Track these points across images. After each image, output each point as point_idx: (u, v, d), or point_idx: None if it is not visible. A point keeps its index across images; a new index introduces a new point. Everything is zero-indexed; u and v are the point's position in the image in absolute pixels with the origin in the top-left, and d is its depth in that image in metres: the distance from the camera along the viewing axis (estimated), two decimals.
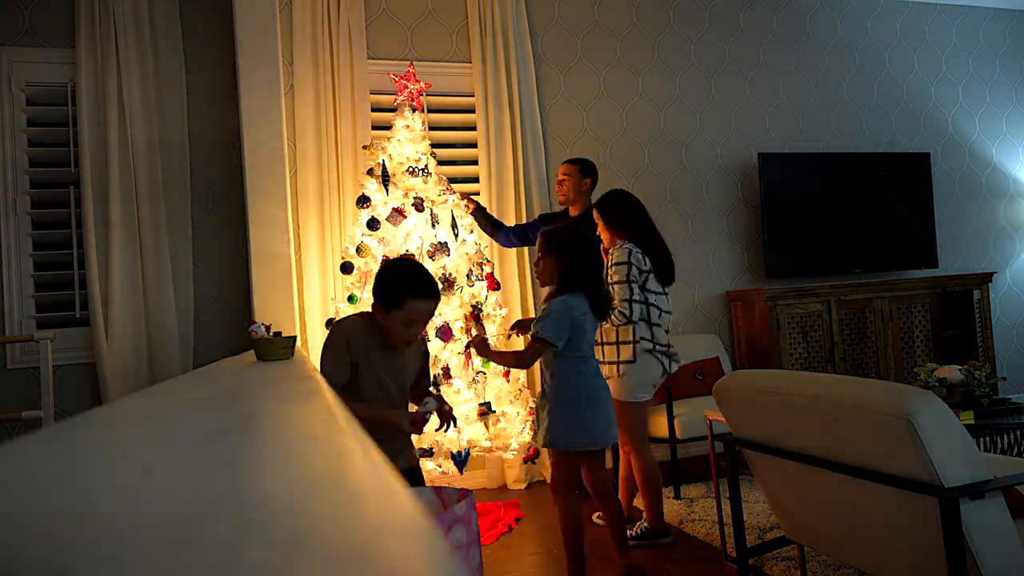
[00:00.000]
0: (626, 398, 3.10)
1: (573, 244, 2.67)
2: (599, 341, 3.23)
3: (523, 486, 4.20)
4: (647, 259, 3.14)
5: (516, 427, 3.52)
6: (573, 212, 3.83)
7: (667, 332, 3.19)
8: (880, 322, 4.88)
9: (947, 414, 1.73)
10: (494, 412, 3.49)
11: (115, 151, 3.79)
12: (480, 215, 3.95)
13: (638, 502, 3.44)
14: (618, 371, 3.10)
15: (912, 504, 1.77)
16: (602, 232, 3.25)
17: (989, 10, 5.91)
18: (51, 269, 3.87)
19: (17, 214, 3.77)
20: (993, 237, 5.81)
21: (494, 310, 3.64)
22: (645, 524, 3.19)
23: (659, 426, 3.98)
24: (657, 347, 3.11)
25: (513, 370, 3.61)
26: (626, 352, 3.09)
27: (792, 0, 5.36)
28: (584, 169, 3.80)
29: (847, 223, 5.13)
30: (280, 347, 1.72)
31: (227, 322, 4.01)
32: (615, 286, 3.07)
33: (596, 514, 3.41)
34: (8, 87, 3.77)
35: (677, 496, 3.77)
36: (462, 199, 3.82)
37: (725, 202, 5.07)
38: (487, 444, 3.47)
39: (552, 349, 2.57)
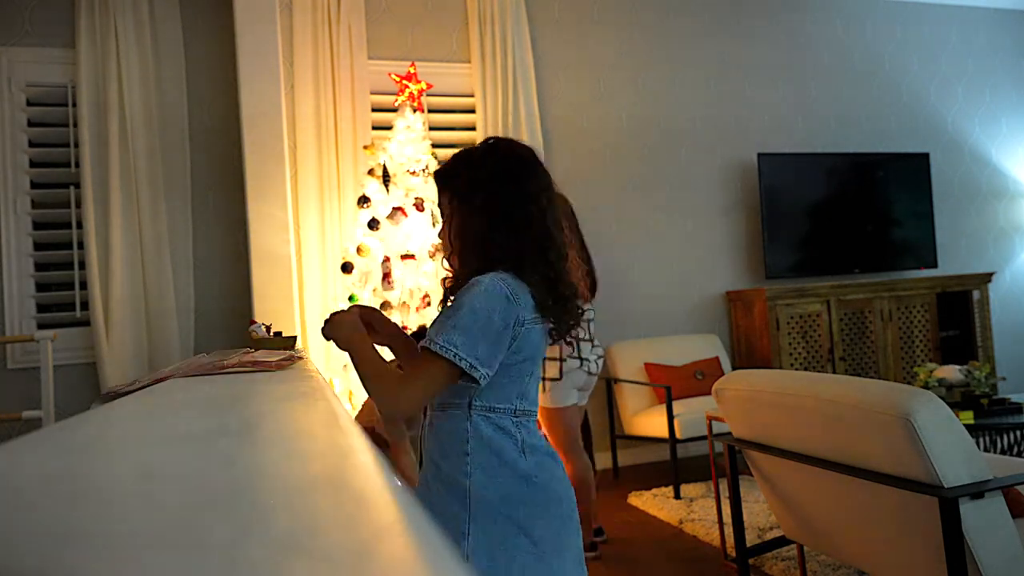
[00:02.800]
0: (551, 405, 2.99)
1: (507, 187, 1.37)
2: None
3: None
4: None
5: None
6: None
7: (592, 338, 3.06)
8: (880, 322, 4.88)
9: (947, 414, 1.73)
10: None
11: (115, 151, 3.78)
12: None
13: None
14: (543, 387, 2.97)
15: (912, 504, 1.77)
16: None
17: (989, 10, 5.91)
18: (51, 269, 3.87)
19: (17, 214, 3.77)
20: (993, 237, 5.80)
21: None
22: None
23: (659, 426, 3.99)
24: (584, 362, 3.01)
25: None
26: (552, 370, 2.95)
27: (792, 0, 5.36)
28: None
29: (847, 223, 5.13)
30: (280, 347, 1.72)
31: (227, 322, 4.01)
32: None
33: None
34: (8, 87, 3.77)
35: (677, 496, 3.77)
36: None
37: (725, 202, 5.07)
38: None
39: (463, 380, 1.29)
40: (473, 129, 4.46)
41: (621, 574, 2.87)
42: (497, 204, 1.35)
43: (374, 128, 4.18)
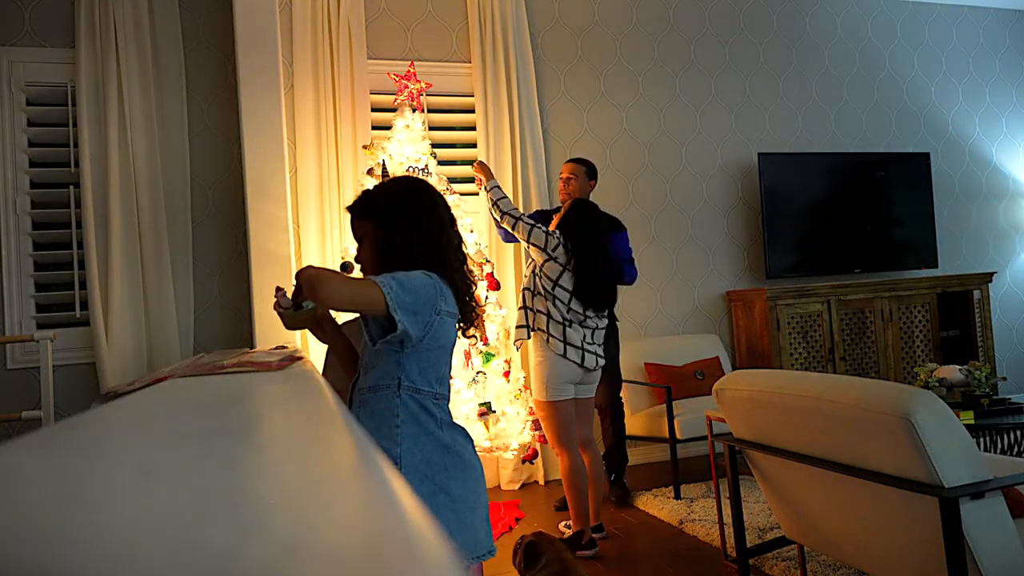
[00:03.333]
0: (542, 398, 3.01)
1: (415, 202, 1.67)
2: (529, 322, 3.06)
3: (517, 486, 4.20)
4: (565, 256, 3.02)
5: (516, 427, 3.52)
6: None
7: (586, 337, 3.04)
8: (880, 322, 4.88)
9: (947, 414, 1.73)
10: (494, 412, 3.49)
11: (115, 151, 3.78)
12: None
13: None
14: (533, 377, 3.03)
15: (912, 504, 1.77)
16: (553, 226, 3.19)
17: (989, 10, 5.91)
18: (51, 269, 3.87)
19: (17, 214, 3.77)
20: (993, 237, 5.80)
21: (494, 310, 3.64)
22: (570, 531, 3.08)
23: (659, 426, 3.98)
24: (568, 348, 2.98)
25: (512, 370, 3.59)
26: (530, 340, 3.05)
27: (792, 0, 5.36)
28: (591, 172, 3.76)
29: (847, 223, 5.13)
30: (303, 319, 1.69)
31: (227, 322, 4.01)
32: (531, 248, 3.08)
33: (563, 523, 3.36)
34: (8, 87, 3.77)
35: (677, 496, 3.77)
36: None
37: (725, 202, 5.07)
38: (487, 444, 3.48)
39: (380, 339, 1.55)
40: (473, 129, 4.46)
41: (621, 574, 2.87)
42: (417, 220, 1.62)
43: (374, 128, 4.18)
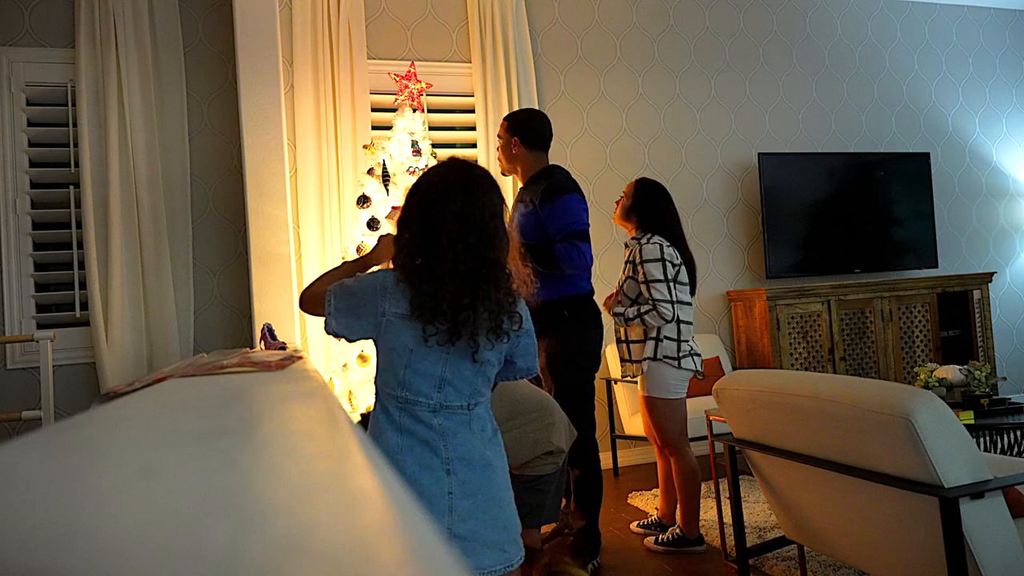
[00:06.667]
0: (656, 393, 2.94)
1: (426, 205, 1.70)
2: (622, 337, 3.04)
3: None
4: (677, 253, 2.97)
5: None
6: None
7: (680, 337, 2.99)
8: (880, 322, 4.88)
9: (947, 414, 1.73)
10: None
11: (115, 151, 3.78)
12: None
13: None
14: (643, 367, 2.95)
15: (912, 504, 1.77)
16: (619, 214, 3.12)
17: (989, 10, 5.91)
18: (51, 269, 3.87)
19: (17, 214, 3.77)
20: (993, 237, 5.80)
21: None
22: (678, 530, 3.05)
23: None
24: (682, 347, 2.94)
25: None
26: (651, 349, 2.92)
27: (792, 0, 5.36)
28: (515, 126, 3.22)
29: (847, 223, 5.13)
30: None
31: (227, 322, 4.01)
32: (652, 285, 2.88)
33: (635, 523, 3.35)
34: (8, 87, 3.77)
35: None
36: None
37: (725, 202, 5.07)
38: None
39: (327, 320, 1.67)
40: (473, 129, 4.46)
41: (620, 574, 2.87)
42: (404, 227, 1.69)
43: (374, 128, 4.18)
